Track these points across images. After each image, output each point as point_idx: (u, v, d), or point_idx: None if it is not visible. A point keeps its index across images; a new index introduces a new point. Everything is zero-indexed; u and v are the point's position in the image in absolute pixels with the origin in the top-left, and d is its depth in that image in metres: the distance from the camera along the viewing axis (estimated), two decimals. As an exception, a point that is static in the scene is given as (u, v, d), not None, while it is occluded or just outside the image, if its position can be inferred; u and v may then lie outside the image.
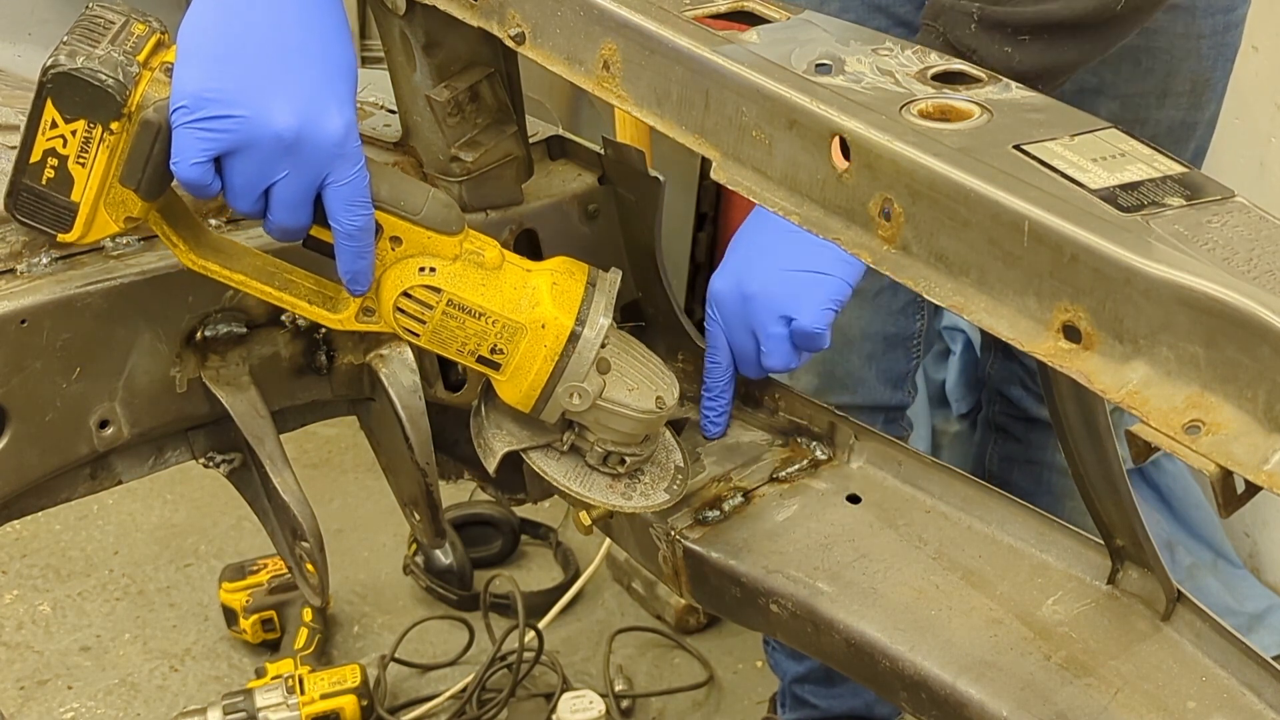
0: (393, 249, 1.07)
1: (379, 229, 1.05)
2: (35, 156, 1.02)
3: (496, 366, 1.09)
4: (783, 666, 2.19)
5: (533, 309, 1.08)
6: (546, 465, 1.16)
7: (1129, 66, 1.68)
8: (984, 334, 2.40)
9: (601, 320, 1.08)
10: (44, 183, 1.02)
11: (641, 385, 1.11)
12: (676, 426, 1.23)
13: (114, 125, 1.00)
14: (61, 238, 1.05)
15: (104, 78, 0.99)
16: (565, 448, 1.15)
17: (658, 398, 1.12)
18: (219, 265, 1.08)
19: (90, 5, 1.02)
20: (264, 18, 0.99)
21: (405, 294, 1.07)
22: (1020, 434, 2.13)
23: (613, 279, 1.11)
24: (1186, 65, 1.69)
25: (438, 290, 1.07)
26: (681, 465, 1.21)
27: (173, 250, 1.08)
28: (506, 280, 1.08)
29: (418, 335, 1.09)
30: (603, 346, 1.08)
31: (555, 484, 1.16)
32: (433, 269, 1.07)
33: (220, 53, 0.98)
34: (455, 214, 1.08)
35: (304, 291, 1.11)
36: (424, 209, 1.06)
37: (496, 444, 1.15)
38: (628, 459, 1.15)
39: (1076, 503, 1.14)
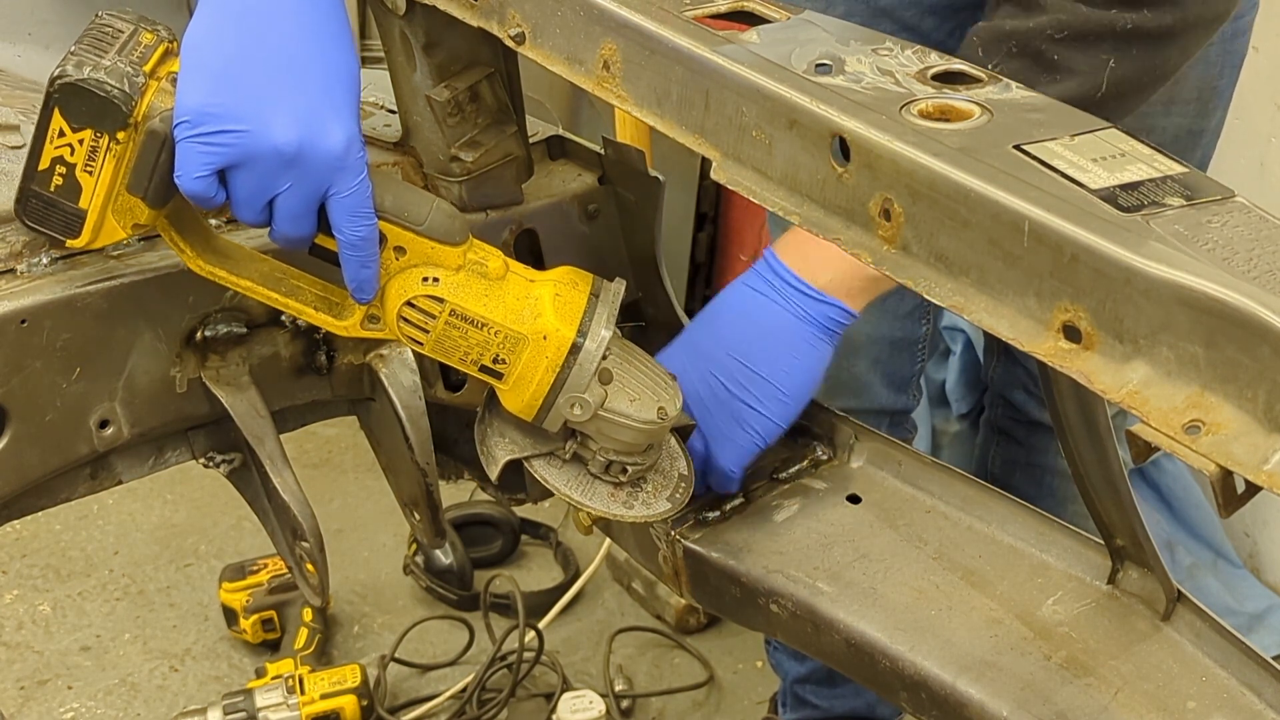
0: (397, 258, 1.07)
1: (383, 238, 1.05)
2: (44, 164, 1.02)
3: (499, 376, 1.09)
4: (784, 666, 2.19)
5: (535, 320, 1.08)
6: (548, 474, 1.15)
7: None
8: (987, 337, 2.40)
9: (603, 332, 1.08)
10: (52, 190, 1.03)
11: (644, 396, 1.11)
12: (683, 434, 1.23)
13: (120, 135, 1.00)
14: (70, 243, 1.06)
15: (110, 88, 0.99)
16: (568, 456, 1.15)
17: (660, 408, 1.11)
18: (226, 271, 1.09)
19: (99, 14, 1.02)
20: (266, 30, 0.99)
21: (409, 303, 1.07)
22: (1022, 438, 2.12)
23: (616, 289, 1.11)
24: (1194, 72, 1.66)
25: (441, 300, 1.07)
26: (685, 474, 1.20)
27: (180, 256, 1.09)
28: (509, 291, 1.08)
29: (421, 344, 1.09)
30: (604, 357, 1.08)
31: (557, 492, 1.16)
32: (436, 279, 1.07)
33: (222, 67, 0.98)
34: (459, 224, 1.08)
35: (310, 298, 1.11)
36: (428, 219, 1.06)
37: (499, 452, 1.15)
38: (630, 468, 1.15)
39: (1079, 507, 1.14)
